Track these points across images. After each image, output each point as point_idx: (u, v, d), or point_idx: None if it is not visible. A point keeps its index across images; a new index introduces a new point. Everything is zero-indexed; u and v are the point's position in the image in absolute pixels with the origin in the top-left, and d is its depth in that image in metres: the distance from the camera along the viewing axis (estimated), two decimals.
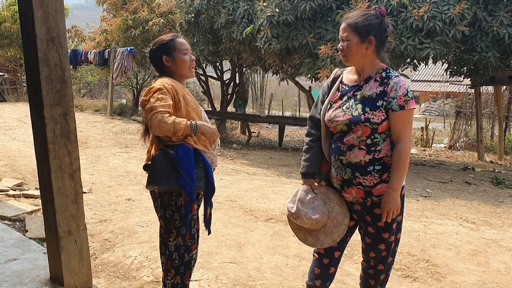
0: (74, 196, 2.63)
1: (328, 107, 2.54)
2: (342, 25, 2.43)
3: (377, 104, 2.37)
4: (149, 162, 2.57)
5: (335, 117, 2.46)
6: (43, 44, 2.47)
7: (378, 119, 2.36)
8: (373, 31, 2.38)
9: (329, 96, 2.57)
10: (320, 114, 2.60)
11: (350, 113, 2.41)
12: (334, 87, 2.57)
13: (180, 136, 2.50)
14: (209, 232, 2.87)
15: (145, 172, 2.59)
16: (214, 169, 2.80)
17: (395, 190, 2.38)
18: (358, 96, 2.43)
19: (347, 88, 2.51)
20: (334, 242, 2.55)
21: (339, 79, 2.59)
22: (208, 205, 2.77)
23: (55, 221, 2.56)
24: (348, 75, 2.56)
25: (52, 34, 2.49)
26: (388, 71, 2.44)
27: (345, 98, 2.48)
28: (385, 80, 2.40)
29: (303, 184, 2.63)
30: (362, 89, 2.44)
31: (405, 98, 2.34)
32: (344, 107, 2.45)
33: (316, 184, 2.61)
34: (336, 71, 2.67)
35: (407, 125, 2.38)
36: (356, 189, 2.47)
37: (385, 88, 2.38)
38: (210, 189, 2.66)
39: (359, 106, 2.40)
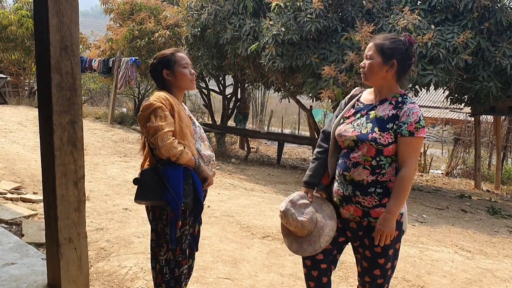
0: (77, 204, 2.64)
1: (340, 122, 2.58)
2: (369, 44, 2.48)
3: (387, 126, 2.40)
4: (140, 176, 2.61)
5: (344, 131, 2.50)
6: (56, 52, 2.50)
7: (385, 141, 2.38)
8: (397, 55, 2.41)
9: (343, 112, 2.61)
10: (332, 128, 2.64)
11: (359, 130, 2.44)
12: (349, 104, 2.62)
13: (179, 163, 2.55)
14: (197, 249, 2.90)
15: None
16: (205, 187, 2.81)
17: (392, 214, 2.37)
18: (371, 116, 2.46)
19: (362, 106, 2.55)
20: (315, 251, 2.57)
21: (356, 97, 2.63)
22: (197, 222, 2.78)
23: (57, 228, 2.56)
24: (366, 95, 2.60)
25: (65, 42, 2.52)
26: (405, 97, 2.47)
27: (358, 115, 2.51)
28: (400, 105, 2.43)
29: (301, 190, 2.70)
30: (376, 109, 2.47)
31: (416, 126, 2.36)
32: (355, 124, 2.49)
33: (314, 194, 2.67)
34: (356, 89, 2.72)
35: (413, 152, 2.39)
36: (354, 207, 2.48)
37: (398, 112, 2.40)
38: (198, 206, 2.65)
39: (369, 125, 2.43)
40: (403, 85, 2.52)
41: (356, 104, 2.59)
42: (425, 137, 2.42)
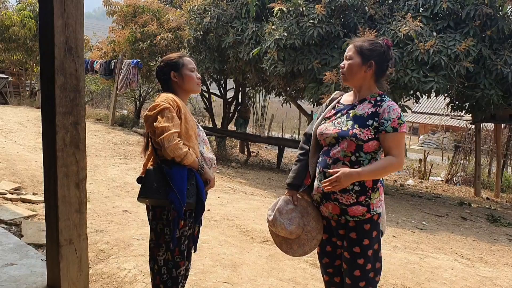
0: (78, 205, 2.64)
1: (321, 122, 2.65)
2: (349, 46, 2.58)
3: (367, 123, 2.47)
4: (143, 175, 2.61)
5: (325, 129, 2.57)
6: (61, 53, 2.51)
7: (365, 136, 2.44)
8: (375, 56, 2.51)
9: (324, 113, 2.69)
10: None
11: (340, 128, 2.51)
12: (330, 106, 2.71)
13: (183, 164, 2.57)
14: (195, 250, 2.90)
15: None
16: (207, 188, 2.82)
17: (357, 173, 2.40)
18: (351, 114, 2.54)
19: (342, 107, 2.63)
20: (305, 253, 2.69)
21: (336, 100, 2.72)
22: (197, 222, 2.79)
23: (57, 229, 2.56)
24: (346, 97, 2.69)
25: (70, 44, 2.54)
26: (383, 96, 2.55)
27: (339, 115, 2.60)
28: (379, 103, 2.51)
29: (285, 194, 2.76)
30: (356, 108, 2.55)
31: (399, 121, 2.44)
32: (335, 122, 2.56)
33: (298, 196, 2.72)
34: (336, 93, 2.80)
35: (400, 146, 2.46)
36: (332, 205, 2.53)
37: (378, 110, 2.48)
38: (200, 207, 2.66)
39: (350, 122, 2.50)
40: (381, 86, 2.61)
41: (336, 106, 2.68)
42: (406, 132, 2.51)
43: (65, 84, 2.54)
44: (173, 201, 2.48)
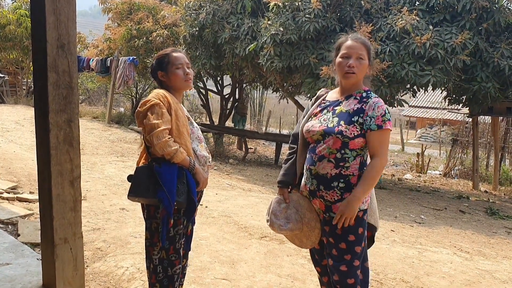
0: (73, 204, 2.61)
1: (308, 120, 2.66)
2: (357, 44, 2.54)
3: (352, 119, 2.46)
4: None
5: (312, 127, 2.57)
6: (53, 50, 2.48)
7: (351, 133, 2.44)
8: (372, 57, 2.58)
9: (310, 111, 2.69)
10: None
11: (326, 125, 2.51)
12: (316, 103, 2.71)
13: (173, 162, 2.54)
14: (189, 249, 2.90)
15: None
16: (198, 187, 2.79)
17: (357, 198, 2.41)
18: (337, 111, 2.54)
19: (328, 103, 2.63)
20: (313, 244, 2.70)
21: (322, 97, 2.71)
22: (190, 221, 2.77)
23: (52, 228, 2.54)
24: (332, 94, 2.69)
25: (62, 40, 2.50)
26: (369, 92, 2.55)
27: (325, 111, 2.60)
28: (364, 99, 2.50)
29: (278, 194, 2.79)
30: (342, 104, 2.55)
31: (383, 118, 2.43)
32: (321, 119, 2.56)
33: (288, 192, 2.76)
34: (321, 90, 2.81)
35: (383, 144, 2.46)
36: (319, 201, 2.56)
37: (363, 106, 2.47)
38: (191, 206, 2.64)
39: (336, 119, 2.50)
40: (367, 83, 2.63)
41: (322, 103, 2.68)
42: (391, 130, 2.48)
43: (58, 81, 2.51)
44: (162, 200, 2.46)
